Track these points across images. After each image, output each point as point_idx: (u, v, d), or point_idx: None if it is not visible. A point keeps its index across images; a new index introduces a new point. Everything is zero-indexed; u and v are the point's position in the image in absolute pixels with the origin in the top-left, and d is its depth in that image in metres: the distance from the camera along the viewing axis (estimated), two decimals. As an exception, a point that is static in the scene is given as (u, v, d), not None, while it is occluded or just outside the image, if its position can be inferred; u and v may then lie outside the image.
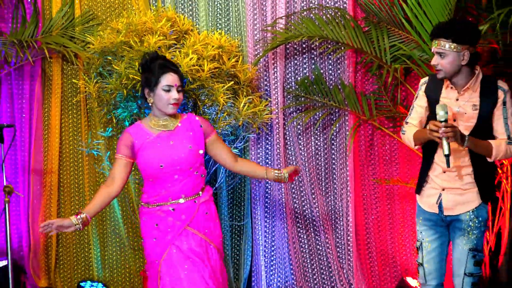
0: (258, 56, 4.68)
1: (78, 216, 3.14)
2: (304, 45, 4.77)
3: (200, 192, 3.38)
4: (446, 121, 3.03)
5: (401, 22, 4.44)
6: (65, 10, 4.94)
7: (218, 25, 4.89)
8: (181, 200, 3.31)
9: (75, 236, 5.15)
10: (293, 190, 4.83)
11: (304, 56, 4.78)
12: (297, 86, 4.76)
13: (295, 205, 4.84)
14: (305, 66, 4.79)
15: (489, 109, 3.21)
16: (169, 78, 3.25)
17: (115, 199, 4.95)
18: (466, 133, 3.17)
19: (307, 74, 4.77)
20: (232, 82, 4.33)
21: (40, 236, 5.09)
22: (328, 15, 4.58)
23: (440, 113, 3.03)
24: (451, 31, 3.11)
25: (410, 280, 4.66)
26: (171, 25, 4.43)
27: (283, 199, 4.81)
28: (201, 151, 3.37)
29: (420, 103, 3.41)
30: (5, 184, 4.16)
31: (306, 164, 4.81)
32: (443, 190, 3.33)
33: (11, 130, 4.79)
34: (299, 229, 4.86)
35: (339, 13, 4.56)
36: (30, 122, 5.08)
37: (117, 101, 4.40)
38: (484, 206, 3.32)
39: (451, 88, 3.26)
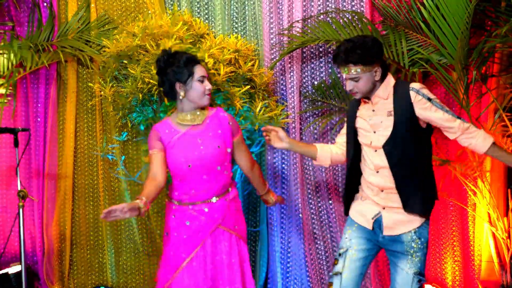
0: (275, 60, 4.76)
1: (142, 199, 3.00)
2: (321, 49, 4.84)
3: (229, 189, 3.46)
4: None
5: (419, 26, 4.48)
6: (80, 14, 5.05)
7: (234, 28, 4.98)
8: (214, 199, 3.37)
9: (89, 241, 5.24)
10: (310, 195, 4.90)
11: (321, 60, 4.86)
12: (313, 91, 4.84)
13: (312, 210, 4.91)
14: (322, 70, 4.86)
15: (405, 114, 3.17)
16: (201, 69, 3.33)
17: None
18: (382, 142, 3.18)
19: (324, 78, 4.85)
20: (248, 86, 4.40)
21: (54, 241, 5.17)
22: (345, 19, 4.65)
23: None
24: (357, 56, 3.10)
25: (428, 287, 4.72)
26: (187, 29, 4.50)
27: (300, 204, 4.88)
28: (229, 150, 3.42)
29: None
30: (19, 189, 4.22)
31: (323, 169, 4.88)
32: (384, 208, 3.27)
33: (26, 134, 4.92)
34: (315, 235, 4.93)
35: (356, 17, 4.61)
36: (45, 126, 5.19)
37: (132, 105, 4.47)
38: (426, 225, 3.26)
39: (365, 102, 3.31)
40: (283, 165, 4.91)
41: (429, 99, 3.19)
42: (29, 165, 5.23)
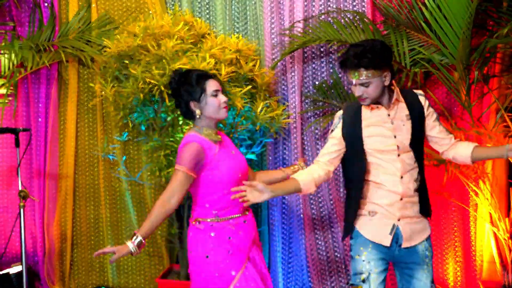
0: (276, 60, 4.78)
1: (134, 240, 3.01)
2: (322, 49, 4.86)
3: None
4: None
5: (421, 26, 4.49)
6: (81, 14, 5.07)
7: (235, 28, 5.00)
8: (247, 212, 3.35)
9: (90, 241, 5.27)
10: (311, 196, 4.91)
11: (322, 60, 4.87)
12: (315, 91, 4.86)
13: (313, 210, 4.93)
14: (323, 70, 4.87)
15: (418, 117, 3.22)
16: (213, 84, 3.28)
17: (130, 203, 5.08)
18: (406, 145, 3.18)
19: (325, 78, 4.86)
20: (250, 86, 4.41)
21: (55, 241, 5.20)
22: (346, 19, 4.66)
23: None
24: (368, 61, 3.04)
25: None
26: (188, 29, 4.51)
27: (301, 205, 4.90)
28: None
29: (336, 135, 3.31)
30: (20, 189, 4.23)
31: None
32: (399, 220, 3.20)
33: (27, 134, 4.92)
34: (316, 235, 4.95)
35: (357, 17, 4.63)
36: (46, 126, 5.21)
37: (133, 105, 4.48)
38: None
39: (377, 108, 3.21)
40: (285, 166, 4.92)
41: (432, 107, 3.28)
42: (30, 165, 5.26)
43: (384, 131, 3.19)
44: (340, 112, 3.34)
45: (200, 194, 3.25)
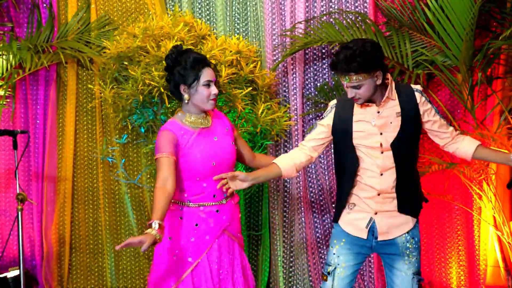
0: (277, 61, 4.78)
1: (154, 226, 2.92)
2: (323, 50, 4.87)
3: (234, 192, 3.37)
4: None
5: (423, 27, 4.51)
6: (80, 15, 5.07)
7: (236, 29, 5.01)
8: (224, 201, 3.32)
9: (88, 245, 5.26)
10: (312, 199, 4.91)
11: (323, 61, 4.88)
12: (316, 92, 4.86)
13: (315, 213, 4.93)
14: (324, 71, 4.88)
15: (411, 114, 3.22)
16: (208, 73, 3.23)
17: (129, 207, 5.08)
18: (386, 142, 3.20)
19: (327, 80, 4.87)
20: (250, 88, 4.41)
21: (53, 244, 5.18)
22: (348, 20, 4.67)
23: None
24: (358, 65, 3.04)
25: (433, 293, 4.73)
26: (189, 30, 4.51)
27: (302, 209, 4.90)
28: (236, 147, 3.42)
29: (326, 122, 3.35)
30: (18, 192, 4.23)
31: (326, 173, 4.89)
32: (376, 214, 3.26)
33: (25, 136, 4.94)
34: (318, 239, 4.95)
35: (359, 18, 4.64)
36: (44, 128, 5.20)
37: (133, 107, 4.49)
38: (417, 224, 3.32)
39: (367, 105, 3.23)
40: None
41: (430, 102, 3.28)
42: (28, 167, 5.25)
43: (370, 127, 3.23)
44: (333, 102, 3.38)
45: (177, 178, 3.23)
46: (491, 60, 4.29)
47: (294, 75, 4.85)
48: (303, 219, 4.91)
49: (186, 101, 3.26)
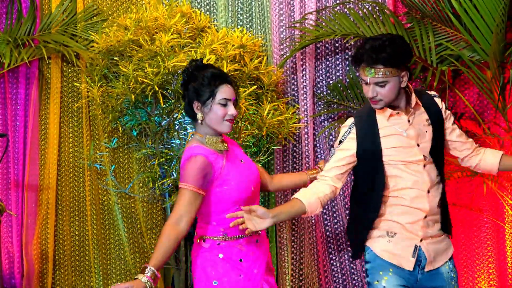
0: (285, 57, 4.77)
1: (147, 273, 2.88)
2: (337, 44, 4.86)
3: None
4: None
5: (449, 18, 4.49)
6: (66, 5, 5.08)
7: (239, 21, 5.00)
8: (259, 231, 3.17)
9: (74, 262, 5.25)
10: (325, 211, 4.90)
11: (337, 56, 4.87)
12: (329, 91, 4.85)
13: (326, 221, 4.92)
14: (338, 68, 4.87)
15: (438, 121, 3.21)
16: (226, 91, 3.13)
17: (120, 219, 5.07)
18: (427, 153, 3.15)
19: (341, 77, 4.86)
20: (255, 86, 4.40)
21: (35, 261, 5.17)
22: (364, 10, 4.67)
23: None
24: (388, 56, 2.99)
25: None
26: (186, 21, 4.51)
27: (313, 219, 4.88)
28: None
29: (347, 146, 3.23)
30: (-5, 202, 4.23)
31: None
32: (421, 240, 3.16)
33: (3, 140, 4.94)
34: (330, 252, 4.94)
35: (377, 8, 4.63)
36: (25, 131, 5.20)
37: (123, 107, 4.49)
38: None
39: (397, 114, 3.16)
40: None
41: (447, 109, 3.28)
42: (6, 175, 5.25)
43: (405, 140, 3.15)
44: (350, 121, 3.27)
45: (208, 212, 3.16)
46: (525, 55, 4.29)
47: (304, 72, 4.85)
48: (314, 233, 4.90)
49: (199, 121, 3.17)
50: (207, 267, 3.16)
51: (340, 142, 3.25)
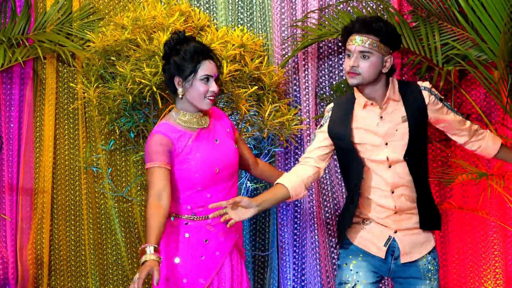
0: (287, 56, 4.75)
1: (148, 250, 2.89)
2: (340, 44, 4.83)
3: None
4: None
5: (455, 17, 4.47)
6: (61, 3, 5.06)
7: (239, 20, 4.98)
8: None
9: (70, 267, 5.24)
10: (328, 214, 4.87)
11: (340, 56, 4.85)
12: (332, 92, 4.82)
13: (330, 230, 4.89)
14: (341, 68, 4.85)
15: (418, 118, 3.22)
16: (208, 67, 3.20)
17: (117, 223, 5.06)
18: (401, 155, 3.18)
19: (344, 77, 4.81)
20: (256, 86, 4.41)
21: (29, 266, 5.16)
22: (368, 8, 4.64)
23: None
24: (381, 28, 3.10)
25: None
26: (185, 20, 4.52)
27: (316, 224, 4.86)
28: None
29: (324, 129, 3.34)
30: (-11, 206, 4.24)
31: (342, 183, 4.83)
32: (396, 232, 3.25)
33: (-3, 142, 4.91)
34: (334, 259, 4.90)
35: (381, 6, 4.61)
36: (20, 133, 5.19)
37: (120, 108, 4.48)
38: (435, 242, 3.36)
39: (371, 104, 3.21)
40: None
41: (441, 100, 3.28)
42: (0, 178, 5.24)
43: (373, 138, 3.21)
44: (331, 106, 3.40)
45: (174, 189, 3.21)
46: (534, 54, 4.26)
47: (306, 72, 4.82)
48: (316, 237, 4.87)
49: (180, 96, 3.24)
50: (171, 243, 3.23)
51: (321, 125, 3.37)
